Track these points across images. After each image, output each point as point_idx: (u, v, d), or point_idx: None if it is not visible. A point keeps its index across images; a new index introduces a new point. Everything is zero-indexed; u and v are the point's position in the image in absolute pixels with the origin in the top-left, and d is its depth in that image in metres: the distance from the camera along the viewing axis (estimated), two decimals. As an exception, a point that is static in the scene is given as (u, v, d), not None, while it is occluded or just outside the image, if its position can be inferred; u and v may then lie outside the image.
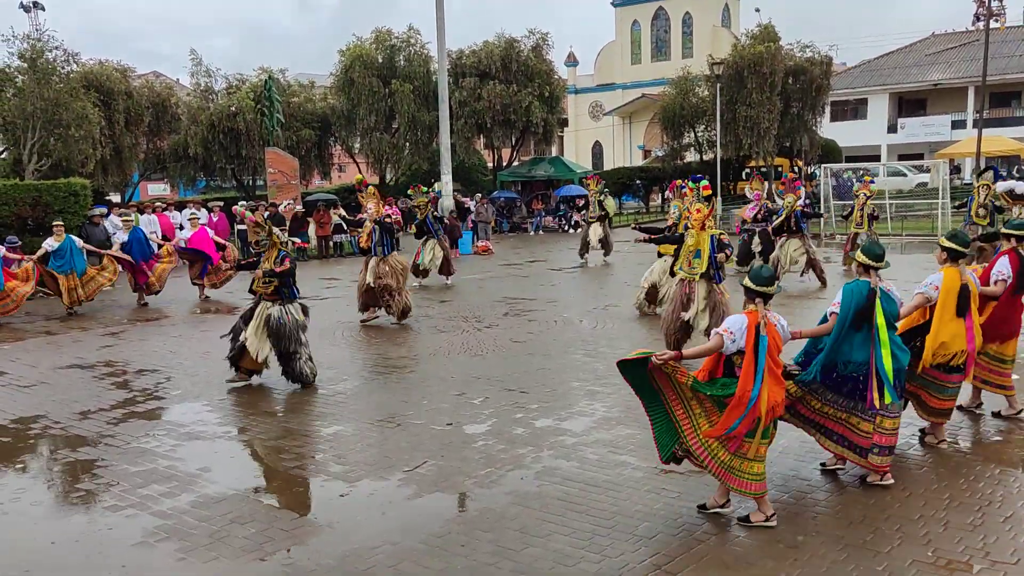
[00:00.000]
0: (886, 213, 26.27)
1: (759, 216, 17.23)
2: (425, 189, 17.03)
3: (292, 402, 8.41)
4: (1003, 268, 6.88)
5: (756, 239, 16.92)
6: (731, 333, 5.14)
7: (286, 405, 8.31)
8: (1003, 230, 7.21)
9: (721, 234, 9.50)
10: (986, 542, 4.93)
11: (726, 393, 5.15)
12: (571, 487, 5.93)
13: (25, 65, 21.62)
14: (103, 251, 14.78)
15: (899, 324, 6.02)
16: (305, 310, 9.10)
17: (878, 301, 5.60)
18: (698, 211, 9.40)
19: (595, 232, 19.61)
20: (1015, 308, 6.97)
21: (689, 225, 9.51)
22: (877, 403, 5.59)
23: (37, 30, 23.29)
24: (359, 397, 8.54)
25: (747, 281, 5.32)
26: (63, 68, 22.31)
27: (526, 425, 7.39)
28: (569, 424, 7.38)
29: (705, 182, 9.98)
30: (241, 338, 8.85)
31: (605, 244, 19.65)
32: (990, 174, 15.75)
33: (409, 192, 18.63)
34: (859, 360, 5.60)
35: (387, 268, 12.40)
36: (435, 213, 16.98)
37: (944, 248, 6.44)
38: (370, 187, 13.43)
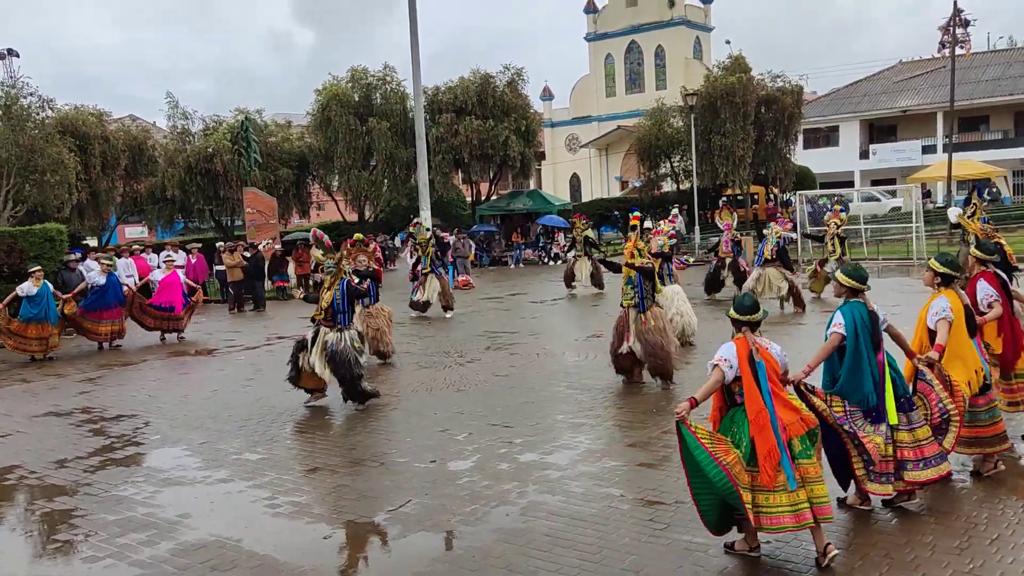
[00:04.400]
0: (861, 238, 26.60)
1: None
2: (427, 227, 17.64)
3: (274, 444, 8.30)
4: (989, 291, 6.87)
5: (726, 269, 17.18)
6: (726, 360, 5.11)
7: (267, 447, 8.20)
8: (976, 253, 7.27)
9: (646, 262, 9.76)
10: (973, 565, 4.92)
11: (744, 431, 5.08)
12: (557, 522, 5.88)
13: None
14: (61, 296, 14.59)
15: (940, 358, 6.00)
16: (361, 336, 9.85)
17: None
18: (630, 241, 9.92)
19: (582, 268, 19.96)
20: (1015, 321, 6.93)
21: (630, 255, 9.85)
22: (893, 420, 5.56)
23: (11, 77, 23.28)
24: (342, 436, 8.45)
25: (731, 312, 5.30)
26: (38, 114, 22.27)
27: (511, 460, 7.33)
28: (554, 458, 7.34)
29: (636, 213, 10.49)
30: (301, 363, 9.59)
31: (595, 279, 19.81)
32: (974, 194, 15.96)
33: (411, 229, 19.14)
34: (878, 381, 5.59)
35: (373, 316, 12.39)
36: (436, 252, 17.54)
37: (938, 273, 6.37)
38: (371, 244, 13.47)
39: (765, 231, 16.59)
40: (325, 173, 31.84)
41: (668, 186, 37.89)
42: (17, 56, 30.60)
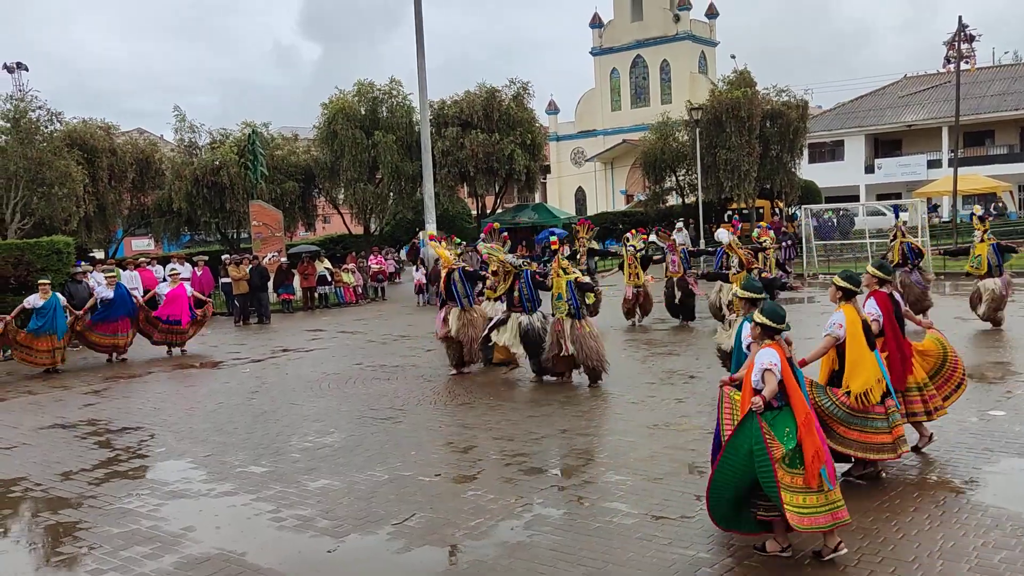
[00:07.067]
0: (866, 252, 26.56)
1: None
2: (459, 240, 16.15)
3: (278, 457, 8.30)
4: (872, 309, 6.97)
5: (675, 289, 16.43)
6: (776, 365, 5.28)
7: (272, 460, 8.19)
8: (874, 272, 7.27)
9: (578, 277, 10.92)
10: (981, 582, 4.89)
11: (791, 435, 5.22)
12: (561, 536, 5.86)
13: (8, 125, 21.69)
14: (75, 312, 14.63)
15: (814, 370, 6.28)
16: (544, 316, 11.24)
17: None
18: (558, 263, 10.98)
19: None
20: (901, 339, 7.13)
21: (553, 273, 11.02)
22: None
23: (20, 90, 23.45)
24: (346, 449, 8.44)
25: (764, 319, 5.46)
26: (46, 127, 22.42)
27: (515, 473, 7.31)
28: (558, 471, 7.31)
29: (554, 238, 11.58)
30: (495, 340, 11.56)
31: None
32: (903, 215, 15.96)
33: (483, 235, 18.26)
34: None
35: (470, 318, 12.03)
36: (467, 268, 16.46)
37: (839, 287, 6.59)
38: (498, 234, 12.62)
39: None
40: (331, 186, 31.98)
41: (673, 200, 37.96)
42: (26, 70, 30.93)
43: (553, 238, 11.45)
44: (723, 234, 11.52)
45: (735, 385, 5.71)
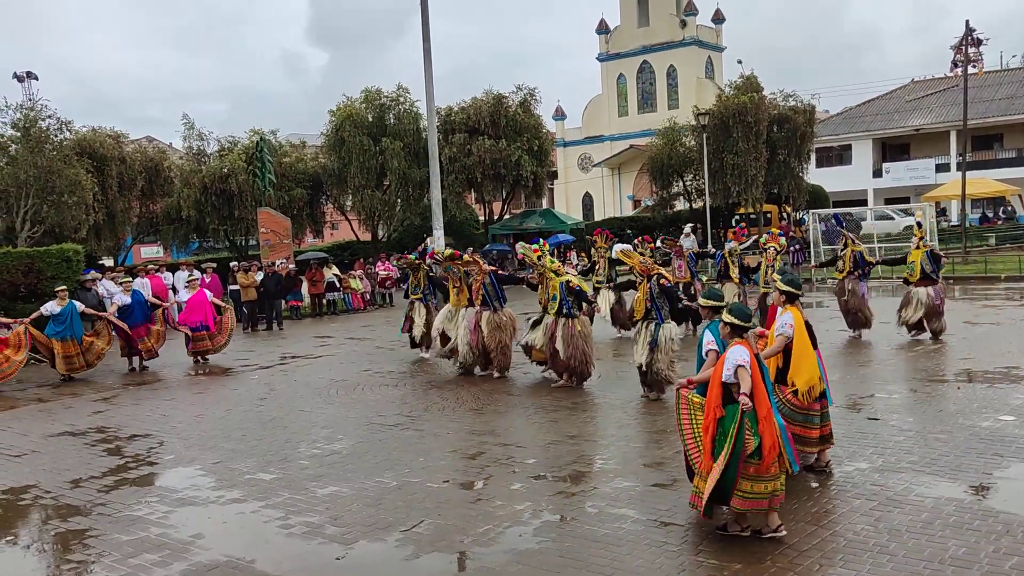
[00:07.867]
0: (875, 256, 26.46)
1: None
2: (413, 256, 15.17)
3: (287, 463, 8.31)
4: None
5: (682, 294, 16.11)
6: (747, 362, 5.53)
7: (281, 467, 8.21)
8: (782, 287, 7.11)
9: (569, 280, 11.24)
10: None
11: (738, 422, 5.51)
12: (570, 542, 5.85)
13: (18, 134, 21.83)
14: (100, 313, 14.73)
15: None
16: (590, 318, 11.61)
17: None
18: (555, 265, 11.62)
19: (604, 300, 15.37)
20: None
21: (547, 275, 11.40)
22: None
23: (30, 99, 23.58)
24: (355, 456, 8.45)
25: (733, 319, 5.75)
26: (56, 136, 22.54)
27: (524, 480, 7.31)
28: (567, 478, 7.31)
29: (535, 246, 11.87)
30: (525, 341, 11.80)
31: (616, 318, 15.77)
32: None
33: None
34: None
35: (502, 320, 12.19)
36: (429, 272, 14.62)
37: (782, 292, 6.93)
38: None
39: (726, 247, 16.53)
40: (339, 193, 32.02)
41: (681, 205, 37.93)
42: (36, 79, 31.12)
43: (535, 246, 11.85)
44: (615, 248, 12.17)
45: (698, 390, 5.96)
